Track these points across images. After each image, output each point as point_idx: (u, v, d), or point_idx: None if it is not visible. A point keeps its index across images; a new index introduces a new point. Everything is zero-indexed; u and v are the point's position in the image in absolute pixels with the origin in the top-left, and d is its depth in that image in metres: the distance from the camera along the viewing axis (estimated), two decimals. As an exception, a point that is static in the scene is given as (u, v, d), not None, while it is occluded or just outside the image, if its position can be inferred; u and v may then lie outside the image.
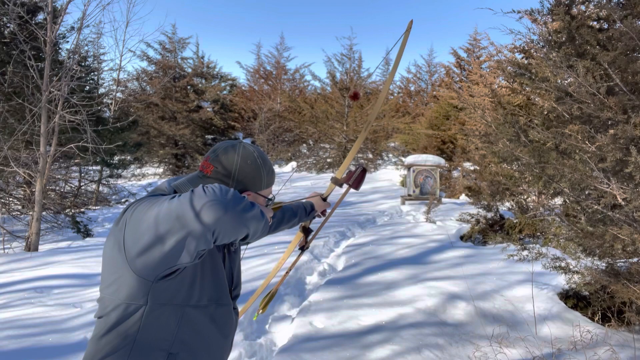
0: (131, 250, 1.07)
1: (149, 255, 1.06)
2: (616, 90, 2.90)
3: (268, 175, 1.33)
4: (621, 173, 2.93)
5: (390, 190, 12.92)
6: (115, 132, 9.79)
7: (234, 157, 1.26)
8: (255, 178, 1.29)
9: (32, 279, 4.78)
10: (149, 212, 1.06)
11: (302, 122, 19.28)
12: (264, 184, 1.32)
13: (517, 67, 3.97)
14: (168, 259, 1.06)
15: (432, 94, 23.47)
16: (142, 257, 1.06)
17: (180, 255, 1.05)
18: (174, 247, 1.03)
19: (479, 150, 8.90)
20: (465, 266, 5.12)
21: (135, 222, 1.08)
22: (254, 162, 1.28)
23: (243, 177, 1.26)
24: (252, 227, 1.09)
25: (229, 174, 1.25)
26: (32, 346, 3.17)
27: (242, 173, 1.26)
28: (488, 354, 3.16)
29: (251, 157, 1.28)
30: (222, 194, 1.03)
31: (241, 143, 1.30)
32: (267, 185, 1.34)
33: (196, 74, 21.45)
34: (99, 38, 15.76)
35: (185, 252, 1.04)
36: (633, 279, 3.22)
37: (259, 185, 1.30)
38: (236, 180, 1.26)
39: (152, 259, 1.06)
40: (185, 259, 1.06)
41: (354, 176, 1.90)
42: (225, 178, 1.24)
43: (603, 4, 3.17)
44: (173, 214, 1.02)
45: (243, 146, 1.29)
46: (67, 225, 8.21)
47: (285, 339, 3.47)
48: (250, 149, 1.30)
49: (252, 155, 1.29)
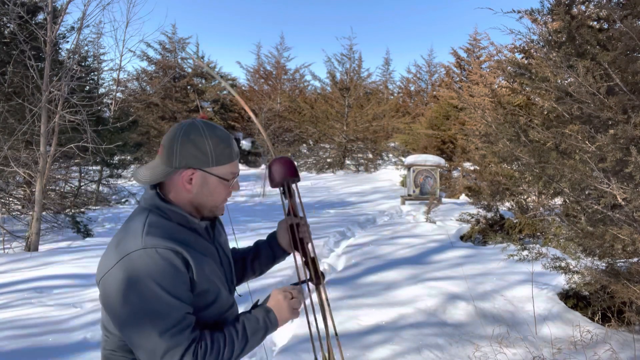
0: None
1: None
2: (616, 90, 2.90)
3: (216, 150, 1.16)
4: (621, 173, 2.93)
5: (390, 190, 12.91)
6: (115, 132, 9.78)
7: (177, 133, 1.16)
8: (198, 153, 1.15)
9: (32, 279, 4.78)
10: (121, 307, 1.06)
11: (302, 122, 19.28)
12: (212, 160, 1.16)
13: (517, 67, 3.97)
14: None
15: (432, 94, 23.46)
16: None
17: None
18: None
19: (479, 150, 8.90)
20: (466, 266, 5.12)
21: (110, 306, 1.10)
22: (198, 136, 1.15)
23: (185, 153, 1.15)
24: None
25: (172, 149, 1.15)
26: (32, 346, 3.17)
27: (183, 149, 1.14)
28: (488, 354, 3.15)
29: (195, 131, 1.15)
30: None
31: (192, 120, 1.20)
32: (219, 162, 1.17)
33: (196, 74, 21.46)
34: (99, 38, 15.75)
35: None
36: (633, 279, 3.22)
37: (204, 161, 1.16)
38: (178, 157, 1.15)
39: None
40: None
41: (267, 173, 1.52)
42: (169, 155, 1.15)
43: (603, 4, 3.17)
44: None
45: (192, 122, 1.18)
46: (67, 225, 8.21)
47: (285, 339, 3.47)
48: (198, 124, 1.17)
49: (197, 129, 1.16)
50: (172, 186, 1.19)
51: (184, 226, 1.18)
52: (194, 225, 1.20)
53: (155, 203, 1.17)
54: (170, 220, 1.16)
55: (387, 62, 27.55)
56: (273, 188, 1.48)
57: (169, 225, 1.15)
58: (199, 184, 1.18)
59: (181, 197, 1.19)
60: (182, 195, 1.19)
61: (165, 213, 1.17)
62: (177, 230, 1.16)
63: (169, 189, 1.20)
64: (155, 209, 1.17)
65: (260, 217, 9.28)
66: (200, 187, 1.18)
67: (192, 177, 1.17)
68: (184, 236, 1.16)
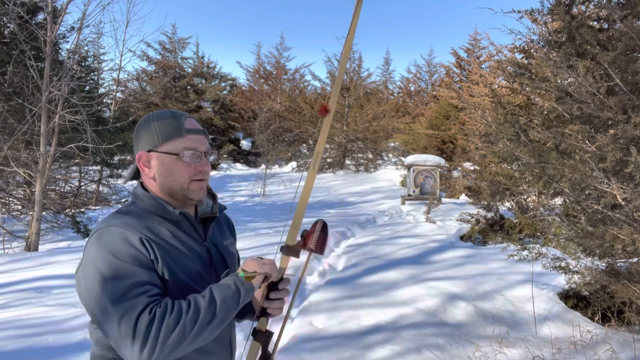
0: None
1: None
2: (616, 90, 2.90)
3: (160, 127, 1.17)
4: (621, 173, 2.93)
5: (390, 190, 12.91)
6: (115, 132, 9.78)
7: (138, 124, 1.23)
8: (146, 135, 1.18)
9: (32, 279, 4.77)
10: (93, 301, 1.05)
11: (302, 122, 19.28)
12: (158, 138, 1.16)
13: (517, 67, 3.97)
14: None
15: (432, 94, 23.48)
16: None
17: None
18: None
19: (479, 150, 8.90)
20: (466, 266, 5.12)
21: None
22: (145, 121, 1.21)
23: (137, 140, 1.21)
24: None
25: (134, 143, 1.23)
26: (32, 346, 3.17)
27: (137, 137, 1.21)
28: (488, 354, 3.15)
29: (145, 118, 1.21)
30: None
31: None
32: (164, 138, 1.16)
33: (196, 74, 21.46)
34: (99, 38, 15.77)
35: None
36: (633, 279, 3.22)
37: (151, 141, 1.17)
38: (135, 146, 1.22)
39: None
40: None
41: (314, 236, 1.27)
42: (133, 149, 1.23)
43: (603, 4, 3.17)
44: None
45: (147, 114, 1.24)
46: (67, 225, 8.21)
47: (286, 339, 3.47)
48: (152, 112, 1.23)
49: (147, 116, 1.22)
50: (143, 177, 1.23)
51: (165, 218, 1.18)
52: (174, 217, 1.18)
53: (139, 194, 1.20)
54: (148, 210, 1.18)
55: (387, 62, 27.60)
56: (315, 251, 1.30)
57: (145, 214, 1.17)
58: (156, 166, 1.18)
59: (152, 186, 1.21)
60: (150, 183, 1.21)
61: (143, 202, 1.19)
62: (151, 219, 1.16)
63: (144, 181, 1.23)
64: (139, 201, 1.20)
65: (260, 217, 9.28)
66: (158, 169, 1.18)
67: (148, 161, 1.19)
68: (157, 226, 1.15)
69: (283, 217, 9.04)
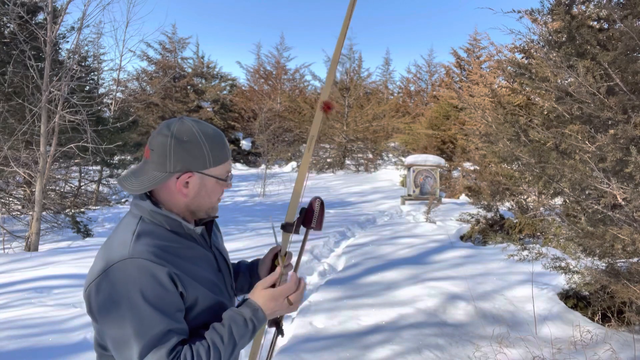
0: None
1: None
2: (616, 90, 2.90)
3: (213, 151, 1.13)
4: (621, 173, 2.93)
5: (390, 190, 12.91)
6: (115, 132, 9.79)
7: (167, 136, 1.09)
8: (195, 155, 1.11)
9: (32, 279, 4.78)
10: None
11: (302, 122, 19.29)
12: (210, 161, 1.13)
13: (517, 67, 3.97)
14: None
15: (432, 94, 23.48)
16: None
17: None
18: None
19: (479, 150, 8.90)
20: (466, 266, 5.12)
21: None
22: (191, 138, 1.10)
23: (180, 156, 1.09)
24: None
25: (164, 154, 1.09)
26: (32, 346, 3.17)
27: (177, 152, 1.09)
28: (488, 354, 3.15)
29: (188, 132, 1.10)
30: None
31: (180, 119, 1.14)
32: (216, 162, 1.14)
33: (196, 74, 21.47)
34: (99, 38, 15.77)
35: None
36: (633, 279, 3.22)
37: (202, 164, 1.12)
38: (173, 161, 1.09)
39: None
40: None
41: (315, 214, 1.37)
42: (161, 159, 1.09)
43: (603, 3, 3.17)
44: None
45: (181, 121, 1.13)
46: (67, 225, 8.21)
47: (285, 339, 3.47)
48: (189, 124, 1.12)
49: (189, 130, 1.11)
50: (165, 190, 1.13)
51: (178, 233, 1.14)
52: (189, 232, 1.16)
53: (147, 209, 1.11)
54: (162, 227, 1.12)
55: (387, 62, 27.63)
56: (314, 229, 1.37)
57: (161, 233, 1.10)
58: (197, 186, 1.13)
59: (176, 202, 1.14)
60: (177, 200, 1.14)
61: (157, 220, 1.12)
62: (169, 239, 1.11)
63: (162, 194, 1.14)
64: (147, 216, 1.12)
65: (260, 217, 9.28)
66: (198, 190, 1.14)
67: (188, 181, 1.12)
68: (178, 247, 1.12)
69: (283, 217, 9.03)
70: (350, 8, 1.44)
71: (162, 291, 1.02)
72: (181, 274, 1.07)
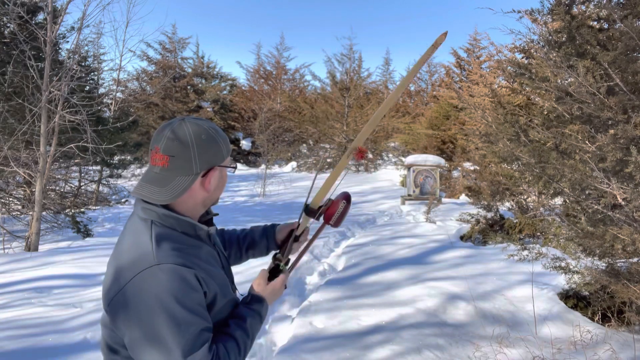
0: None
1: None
2: (616, 90, 2.90)
3: (225, 143, 1.21)
4: (621, 173, 2.93)
5: (390, 190, 12.91)
6: (115, 132, 9.79)
7: (188, 138, 1.12)
8: (215, 151, 1.16)
9: (32, 279, 4.78)
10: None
11: (302, 122, 19.29)
12: (225, 153, 1.20)
13: (517, 67, 3.97)
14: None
15: (432, 94, 23.47)
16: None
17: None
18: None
19: (479, 150, 8.90)
20: (466, 266, 5.12)
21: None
22: (207, 135, 1.15)
23: (205, 156, 1.14)
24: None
25: (190, 158, 1.12)
26: (32, 346, 3.17)
27: (202, 151, 1.13)
28: (488, 354, 3.15)
29: (203, 131, 1.15)
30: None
31: (184, 120, 1.16)
32: (227, 154, 1.22)
33: (196, 74, 21.47)
34: (99, 38, 15.77)
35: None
36: (633, 279, 3.22)
37: (220, 157, 1.18)
38: (199, 162, 1.13)
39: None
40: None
41: (335, 211, 1.44)
42: (186, 163, 1.12)
43: (603, 3, 3.17)
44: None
45: (189, 122, 1.15)
46: (67, 225, 8.21)
47: (285, 339, 3.47)
48: (197, 122, 1.16)
49: (202, 128, 1.15)
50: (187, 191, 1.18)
51: (188, 234, 1.15)
52: (200, 232, 1.18)
53: (159, 212, 1.12)
54: (174, 230, 1.13)
55: (387, 62, 27.56)
56: (332, 226, 1.48)
57: (175, 235, 1.12)
58: (217, 179, 1.20)
59: (195, 199, 1.17)
60: (198, 196, 1.17)
61: (168, 223, 1.12)
62: (183, 241, 1.13)
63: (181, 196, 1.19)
64: (158, 219, 1.12)
65: (260, 217, 9.28)
66: (217, 182, 1.21)
67: (211, 176, 1.18)
68: (192, 248, 1.14)
69: (283, 217, 9.04)
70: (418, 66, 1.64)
71: (192, 293, 1.05)
72: (204, 274, 1.10)
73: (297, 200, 11.50)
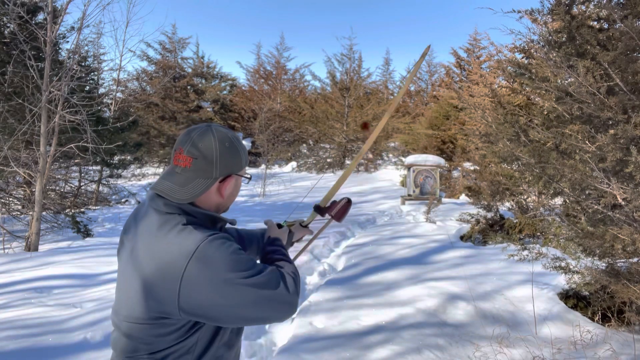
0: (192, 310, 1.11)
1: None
2: (616, 90, 2.90)
3: (245, 154, 1.28)
4: (621, 173, 2.93)
5: (390, 190, 12.91)
6: (115, 132, 9.79)
7: (212, 143, 1.19)
8: (235, 159, 1.23)
9: (32, 279, 4.78)
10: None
11: (302, 122, 19.28)
12: (244, 163, 1.28)
13: (517, 67, 3.97)
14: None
15: (432, 94, 23.47)
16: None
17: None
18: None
19: (479, 150, 8.90)
20: (466, 266, 5.12)
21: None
22: (231, 144, 1.22)
23: (225, 162, 1.21)
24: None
25: (211, 162, 1.18)
26: (32, 346, 3.17)
27: (223, 158, 1.20)
28: (488, 354, 3.15)
29: (227, 139, 1.22)
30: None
31: (210, 126, 1.23)
32: (245, 164, 1.30)
33: (196, 74, 21.46)
34: (99, 38, 15.78)
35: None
36: (633, 279, 3.22)
37: (239, 166, 1.25)
38: (219, 167, 1.20)
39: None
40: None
41: (337, 207, 1.73)
42: (208, 167, 1.18)
43: (603, 3, 3.17)
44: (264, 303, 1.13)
45: (215, 129, 1.22)
46: (67, 225, 8.21)
47: (285, 339, 3.47)
48: (223, 130, 1.23)
49: (227, 136, 1.22)
50: (205, 194, 1.24)
51: (209, 228, 1.23)
52: (217, 226, 1.27)
53: (185, 209, 1.19)
54: (198, 221, 1.21)
55: (387, 62, 27.61)
56: (336, 218, 1.74)
57: (201, 226, 1.20)
58: (232, 187, 1.27)
59: (209, 203, 1.24)
60: (213, 200, 1.24)
61: (194, 217, 1.19)
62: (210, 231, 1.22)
63: (200, 197, 1.25)
64: (182, 212, 1.18)
65: (260, 216, 9.28)
66: (232, 189, 1.28)
67: (227, 183, 1.24)
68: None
69: (283, 217, 9.04)
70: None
71: (240, 249, 1.18)
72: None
73: (297, 200, 11.50)
